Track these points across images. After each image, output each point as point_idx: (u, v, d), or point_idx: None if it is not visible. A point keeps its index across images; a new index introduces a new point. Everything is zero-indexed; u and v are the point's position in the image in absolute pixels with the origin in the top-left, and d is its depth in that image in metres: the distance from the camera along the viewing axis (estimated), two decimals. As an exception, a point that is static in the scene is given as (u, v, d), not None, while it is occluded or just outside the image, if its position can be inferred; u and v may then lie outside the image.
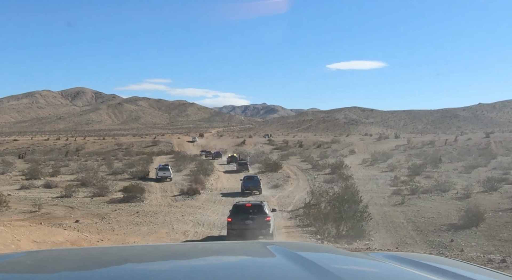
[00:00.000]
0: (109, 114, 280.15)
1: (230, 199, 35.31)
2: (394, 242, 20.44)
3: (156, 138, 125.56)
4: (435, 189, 36.49)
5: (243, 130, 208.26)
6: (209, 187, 42.29)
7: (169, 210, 29.87)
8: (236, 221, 18.19)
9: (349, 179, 44.20)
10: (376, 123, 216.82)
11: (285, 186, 43.52)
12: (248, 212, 18.38)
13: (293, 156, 79.42)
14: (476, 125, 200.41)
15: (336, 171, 51.08)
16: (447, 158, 67.77)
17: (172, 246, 3.29)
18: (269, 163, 57.27)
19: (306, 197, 31.61)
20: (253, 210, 18.50)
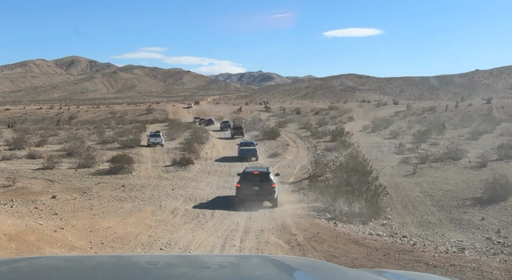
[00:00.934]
0: (104, 82, 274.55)
1: (226, 169, 32.27)
2: (415, 221, 17.43)
3: (151, 106, 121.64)
4: (446, 157, 33.44)
5: (239, 97, 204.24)
6: (203, 156, 39.15)
7: (159, 183, 26.77)
8: (244, 187, 19.50)
9: (351, 147, 41.27)
10: (372, 90, 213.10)
11: (284, 154, 40.44)
12: (255, 179, 19.63)
13: (290, 123, 76.35)
14: (473, 91, 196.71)
15: (337, 139, 48.08)
16: (450, 124, 64.70)
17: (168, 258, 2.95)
18: (267, 131, 54.09)
19: (309, 167, 28.58)
20: (260, 177, 19.75)
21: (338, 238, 11.16)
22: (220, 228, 14.89)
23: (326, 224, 14.58)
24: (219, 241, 12.23)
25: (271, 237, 12.78)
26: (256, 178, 19.62)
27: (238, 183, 20.09)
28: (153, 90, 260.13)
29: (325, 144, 46.34)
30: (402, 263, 7.38)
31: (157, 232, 13.34)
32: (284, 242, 11.80)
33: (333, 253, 9.29)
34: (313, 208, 18.85)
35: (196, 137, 46.71)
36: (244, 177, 20.05)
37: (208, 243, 11.80)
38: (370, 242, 9.97)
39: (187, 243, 11.80)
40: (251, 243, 11.89)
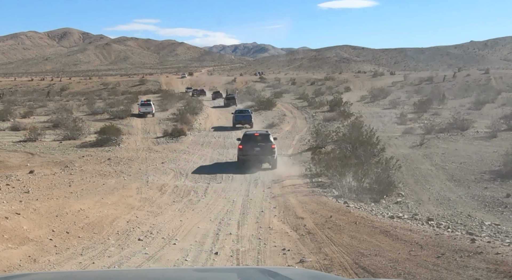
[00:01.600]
0: (97, 54, 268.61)
1: (220, 140, 30.06)
2: (432, 199, 15.35)
3: (144, 77, 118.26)
4: (452, 128, 31.35)
5: (233, 69, 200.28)
6: (196, 127, 36.86)
7: (148, 155, 24.53)
8: (246, 149, 20.11)
9: (351, 117, 39.15)
10: (367, 61, 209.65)
11: (281, 125, 38.19)
12: (256, 141, 20.31)
13: (286, 93, 73.93)
14: (468, 62, 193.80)
15: (336, 109, 45.88)
16: (449, 94, 62.32)
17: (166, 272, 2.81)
18: (263, 101, 51.68)
19: (309, 138, 26.41)
20: (261, 138, 20.48)
21: (359, 225, 9.01)
22: (214, 208, 12.75)
23: (336, 204, 12.44)
24: (212, 227, 10.08)
25: (274, 221, 10.66)
26: (257, 140, 20.34)
27: (240, 145, 20.70)
28: (147, 61, 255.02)
29: (323, 114, 44.11)
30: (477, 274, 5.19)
31: (138, 215, 11.18)
32: (290, 228, 9.67)
33: (360, 248, 7.13)
34: (317, 184, 16.72)
35: (189, 108, 44.27)
36: (245, 139, 20.59)
37: (199, 231, 9.64)
38: (403, 232, 7.81)
39: (173, 230, 9.64)
40: (251, 230, 9.76)
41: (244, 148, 20.19)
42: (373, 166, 16.75)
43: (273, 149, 20.28)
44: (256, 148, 20.03)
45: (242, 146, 20.38)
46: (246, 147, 20.19)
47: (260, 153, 20.02)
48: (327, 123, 37.90)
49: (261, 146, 20.13)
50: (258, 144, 20.17)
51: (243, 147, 20.31)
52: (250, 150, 20.04)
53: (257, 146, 20.11)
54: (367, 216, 9.96)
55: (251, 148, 20.06)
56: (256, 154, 19.99)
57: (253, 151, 20.00)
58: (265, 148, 20.13)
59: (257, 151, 20.00)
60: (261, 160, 20.20)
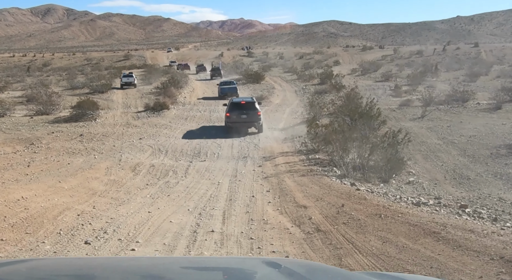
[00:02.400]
0: (81, 30, 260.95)
1: (206, 114, 27.50)
2: (448, 178, 13.11)
3: (129, 52, 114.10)
4: (451, 100, 29.15)
5: (220, 44, 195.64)
6: (181, 101, 34.16)
7: (125, 131, 21.94)
8: (233, 116, 20.45)
9: (343, 89, 36.81)
10: (355, 36, 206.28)
11: (270, 98, 35.65)
12: (243, 108, 20.60)
13: (274, 67, 71.09)
14: (455, 37, 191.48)
15: (326, 81, 43.44)
16: (441, 67, 60.15)
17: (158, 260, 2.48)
18: (250, 74, 48.93)
19: (302, 111, 24.04)
20: (247, 106, 20.77)
21: (386, 220, 6.64)
22: (195, 193, 10.35)
23: (343, 187, 10.12)
24: (189, 220, 7.67)
25: (269, 211, 8.30)
26: (244, 107, 20.66)
27: (227, 112, 21.09)
28: (133, 38, 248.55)
29: (314, 87, 41.68)
30: None
31: (97, 205, 8.73)
32: (291, 222, 7.33)
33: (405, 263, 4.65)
34: (314, 161, 14.36)
35: (173, 81, 41.38)
36: (232, 107, 20.85)
37: (171, 227, 7.23)
38: (463, 235, 5.40)
39: (136, 227, 7.22)
40: (240, 225, 7.39)
41: (231, 116, 20.53)
42: (378, 141, 14.40)
43: (259, 116, 20.80)
44: (242, 116, 20.38)
45: (229, 114, 20.67)
46: (232, 114, 20.53)
47: (246, 119, 20.45)
48: (319, 96, 35.58)
49: (248, 114, 20.45)
50: (244, 111, 20.48)
51: (230, 114, 20.61)
52: (237, 118, 20.40)
53: (244, 113, 20.42)
54: (390, 205, 7.62)
55: (238, 115, 20.41)
56: (243, 121, 20.43)
57: (240, 118, 20.38)
58: (251, 115, 20.48)
59: (243, 118, 20.41)
60: (248, 126, 20.72)
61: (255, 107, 20.91)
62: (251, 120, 20.55)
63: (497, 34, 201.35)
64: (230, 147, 17.62)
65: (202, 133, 21.20)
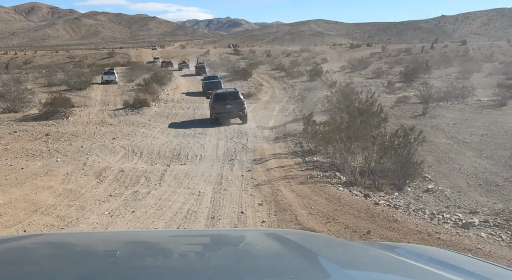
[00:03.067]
0: (66, 29, 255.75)
1: (189, 112, 25.25)
2: (472, 184, 11.03)
3: (113, 50, 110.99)
4: (450, 96, 27.31)
5: (207, 43, 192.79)
6: (163, 98, 31.82)
7: (98, 130, 19.54)
8: (218, 106, 20.43)
9: (334, 86, 34.82)
10: (341, 35, 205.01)
11: (258, 95, 33.44)
12: (227, 98, 20.64)
13: (261, 65, 68.72)
14: (440, 36, 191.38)
15: (316, 78, 41.44)
16: (432, 64, 58.52)
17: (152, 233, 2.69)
18: (237, 70, 46.71)
19: (294, 108, 21.90)
20: (231, 96, 20.84)
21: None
22: (168, 208, 8.11)
23: (355, 199, 7.97)
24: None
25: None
26: (228, 97, 20.75)
27: (211, 103, 21.12)
28: (118, 36, 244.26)
29: (304, 84, 39.56)
30: None
31: (29, 229, 6.43)
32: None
33: None
34: (312, 165, 12.20)
35: (156, 77, 38.98)
36: (216, 97, 20.89)
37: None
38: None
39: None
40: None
41: (216, 106, 20.48)
42: (387, 141, 12.28)
43: (243, 105, 20.80)
44: (227, 106, 20.33)
45: (213, 105, 20.62)
46: (217, 105, 20.50)
47: (231, 109, 20.35)
48: (309, 93, 33.55)
49: (232, 103, 20.41)
50: (228, 101, 20.47)
51: (214, 105, 20.57)
52: (221, 108, 20.33)
53: (228, 103, 20.39)
54: (437, 231, 5.49)
55: (222, 105, 20.36)
56: (228, 111, 20.35)
57: (225, 108, 20.30)
58: (236, 105, 20.45)
59: (228, 108, 20.31)
60: (232, 116, 20.65)
61: (239, 97, 20.97)
62: (235, 110, 20.48)
63: (481, 33, 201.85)
64: (214, 148, 15.38)
65: (184, 131, 18.92)
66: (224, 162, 13.23)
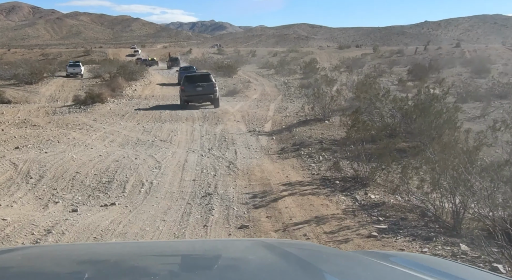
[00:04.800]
0: (47, 29, 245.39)
1: (156, 112, 18.31)
2: None
3: (91, 48, 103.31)
4: (487, 94, 21.17)
5: (190, 45, 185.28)
6: (128, 94, 24.99)
7: (4, 133, 12.54)
8: (188, 89, 19.08)
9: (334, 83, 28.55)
10: (325, 39, 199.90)
11: (246, 92, 26.83)
12: (198, 81, 19.39)
13: (247, 64, 62.38)
14: (422, 42, 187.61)
15: (311, 75, 35.21)
16: (433, 64, 52.77)
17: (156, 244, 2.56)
18: (221, 66, 40.16)
19: (303, 105, 15.20)
20: (201, 78, 19.66)
21: None
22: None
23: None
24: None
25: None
26: (199, 79, 19.48)
27: (181, 86, 19.93)
28: (100, 37, 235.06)
29: (299, 81, 33.12)
30: None
31: None
32: None
33: None
34: (380, 214, 5.43)
35: (125, 71, 32.05)
36: (187, 80, 19.60)
37: None
38: None
39: None
40: None
41: (187, 89, 19.12)
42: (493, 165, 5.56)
43: (215, 88, 19.36)
44: (198, 88, 19.03)
45: (184, 87, 19.33)
46: (187, 87, 19.14)
47: (202, 92, 19.00)
48: (307, 90, 27.18)
49: (203, 86, 19.10)
50: (199, 84, 19.14)
51: (185, 87, 19.24)
52: (192, 90, 18.99)
53: (199, 86, 19.09)
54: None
55: (193, 88, 19.03)
56: (199, 94, 18.97)
57: (195, 91, 18.96)
58: (207, 88, 19.09)
59: (199, 91, 18.98)
60: (204, 99, 19.21)
61: (210, 79, 19.57)
62: (207, 92, 19.01)
63: (463, 39, 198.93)
64: (179, 168, 8.60)
65: (138, 138, 12.07)
66: (193, 201, 6.50)
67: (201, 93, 18.93)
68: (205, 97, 19.07)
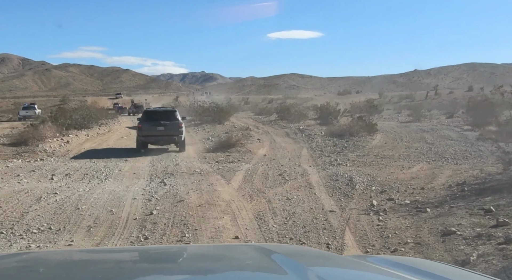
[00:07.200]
0: (35, 80, 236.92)
1: (69, 191, 7.37)
2: None
3: (67, 97, 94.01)
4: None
5: (180, 96, 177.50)
6: (48, 149, 14.52)
7: None
8: (147, 127, 15.80)
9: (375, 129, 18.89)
10: (316, 89, 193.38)
11: (247, 145, 16.69)
12: (160, 118, 16.07)
13: (241, 111, 52.96)
14: (413, 90, 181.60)
15: (330, 120, 25.66)
16: (451, 109, 43.42)
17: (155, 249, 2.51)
18: (208, 110, 30.32)
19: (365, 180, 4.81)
20: (165, 115, 16.31)
21: None
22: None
23: None
24: None
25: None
26: (161, 117, 16.09)
27: (139, 123, 16.47)
28: (89, 88, 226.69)
29: (318, 127, 23.04)
30: None
31: None
32: None
33: None
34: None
35: (64, 114, 21.74)
36: (146, 117, 16.35)
37: None
38: None
39: None
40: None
41: (145, 128, 15.68)
42: None
43: (181, 129, 15.78)
44: (159, 127, 15.56)
45: (141, 125, 15.91)
46: (147, 126, 15.67)
47: (164, 132, 15.59)
48: (340, 140, 17.03)
49: (166, 125, 15.63)
50: (161, 122, 15.67)
51: (143, 126, 15.82)
52: (151, 130, 15.56)
53: (161, 124, 15.62)
54: None
55: (153, 127, 15.55)
56: (160, 134, 15.59)
57: (156, 131, 15.54)
58: (171, 127, 15.60)
59: (160, 131, 15.57)
60: (166, 141, 15.91)
61: (175, 117, 15.98)
62: (170, 133, 15.53)
63: (455, 87, 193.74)
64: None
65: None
66: None
67: (163, 133, 15.67)
68: (167, 138, 15.88)
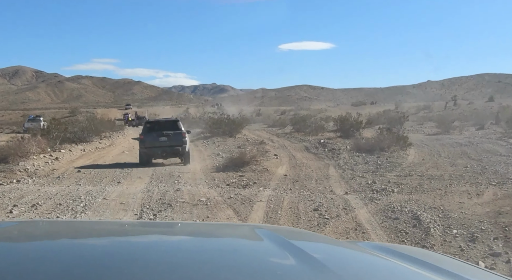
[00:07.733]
0: (48, 92, 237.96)
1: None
2: None
3: (76, 109, 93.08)
4: None
5: (192, 107, 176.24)
6: (30, 167, 12.32)
7: None
8: (149, 139, 15.35)
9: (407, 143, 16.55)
10: (328, 100, 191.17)
11: (264, 162, 14.23)
12: (162, 128, 15.68)
13: (253, 123, 50.74)
14: (428, 101, 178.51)
15: (353, 133, 23.31)
16: (489, 119, 40.72)
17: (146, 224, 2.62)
18: (218, 122, 28.10)
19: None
20: (167, 126, 15.85)
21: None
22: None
23: None
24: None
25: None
26: (163, 127, 15.65)
27: (141, 134, 16.01)
28: (101, 100, 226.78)
29: (341, 141, 20.62)
30: None
31: None
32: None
33: None
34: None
35: (58, 127, 19.61)
36: (148, 128, 15.88)
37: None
38: None
39: None
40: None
41: (147, 139, 15.23)
42: None
43: (184, 139, 15.15)
44: (161, 138, 15.09)
45: (143, 136, 15.44)
46: (149, 137, 15.24)
47: (167, 143, 14.98)
48: (371, 156, 14.66)
49: (169, 135, 15.11)
50: (164, 132, 15.20)
51: (145, 137, 15.37)
52: (154, 141, 15.08)
53: (163, 135, 15.13)
54: None
55: (156, 138, 15.12)
56: (163, 145, 14.97)
57: (158, 141, 15.06)
58: (174, 138, 15.07)
59: (163, 142, 15.02)
60: (168, 152, 15.08)
61: (178, 127, 15.57)
62: (173, 144, 14.92)
63: (468, 99, 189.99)
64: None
65: None
66: None
67: (166, 144, 14.90)
68: (170, 149, 14.96)
